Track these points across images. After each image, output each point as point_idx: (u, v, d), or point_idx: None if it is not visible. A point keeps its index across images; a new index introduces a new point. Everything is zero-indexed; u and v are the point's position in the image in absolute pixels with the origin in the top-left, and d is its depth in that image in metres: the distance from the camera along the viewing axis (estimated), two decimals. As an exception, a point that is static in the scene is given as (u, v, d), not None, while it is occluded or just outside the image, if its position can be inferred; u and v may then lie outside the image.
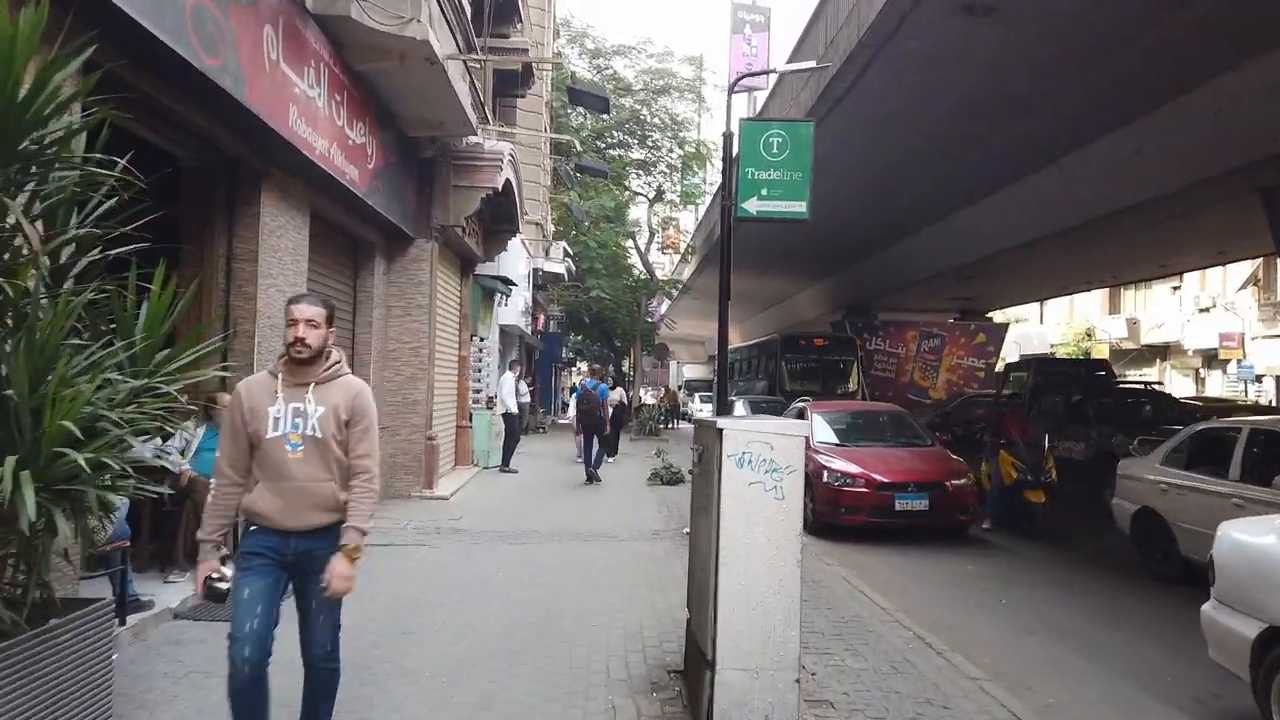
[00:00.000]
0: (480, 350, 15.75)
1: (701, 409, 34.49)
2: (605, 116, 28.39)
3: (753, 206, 9.71)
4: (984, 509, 10.54)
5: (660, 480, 13.89)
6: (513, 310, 19.62)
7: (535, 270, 23.26)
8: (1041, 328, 49.12)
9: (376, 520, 9.61)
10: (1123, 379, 43.04)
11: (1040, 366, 21.89)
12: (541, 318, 37.21)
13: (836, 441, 11.02)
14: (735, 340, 56.95)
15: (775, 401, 20.37)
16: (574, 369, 54.94)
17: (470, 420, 15.40)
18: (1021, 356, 30.95)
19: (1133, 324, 42.55)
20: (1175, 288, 40.46)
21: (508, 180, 13.34)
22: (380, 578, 7.08)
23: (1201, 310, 38.54)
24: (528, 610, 6.30)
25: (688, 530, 9.28)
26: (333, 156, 8.20)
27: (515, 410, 15.36)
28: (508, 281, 16.96)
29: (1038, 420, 12.74)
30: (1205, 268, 29.88)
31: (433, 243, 12.06)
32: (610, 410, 14.87)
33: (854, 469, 9.92)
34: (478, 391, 15.78)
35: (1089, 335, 45.13)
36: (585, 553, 8.44)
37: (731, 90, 12.49)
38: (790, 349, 26.49)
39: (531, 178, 23.38)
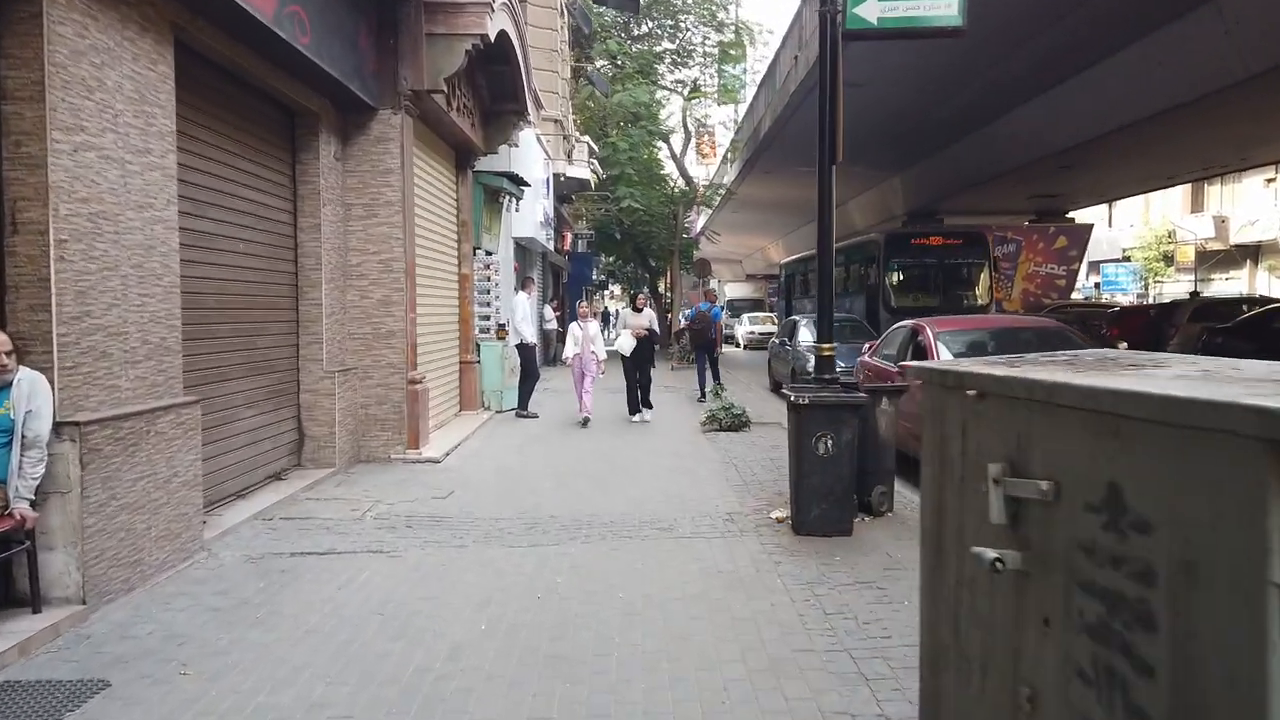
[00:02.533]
0: (488, 267, 12.62)
1: (752, 331, 31.15)
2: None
3: (870, 12, 6.26)
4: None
5: (719, 425, 10.78)
6: (529, 220, 16.36)
7: (557, 176, 19.89)
8: (1111, 231, 44.75)
9: (322, 505, 6.62)
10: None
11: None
12: (568, 235, 33.97)
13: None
14: (777, 257, 53.23)
15: (852, 322, 16.66)
16: (605, 292, 51.84)
17: (478, 354, 12.35)
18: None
19: (1221, 222, 38.21)
20: (1270, 179, 36.05)
21: (504, 33, 9.97)
22: (246, 648, 4.09)
23: (1306, 203, 34.20)
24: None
25: (780, 515, 6.24)
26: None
27: (533, 341, 12.27)
28: (518, 180, 13.65)
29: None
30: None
31: (403, 115, 8.81)
32: (638, 338, 11.79)
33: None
34: (486, 319, 12.69)
35: (1170, 237, 40.87)
36: (627, 566, 5.37)
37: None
38: (898, 250, 20.53)
39: (548, 65, 19.91)
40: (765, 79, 25.69)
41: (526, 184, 14.02)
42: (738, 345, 36.30)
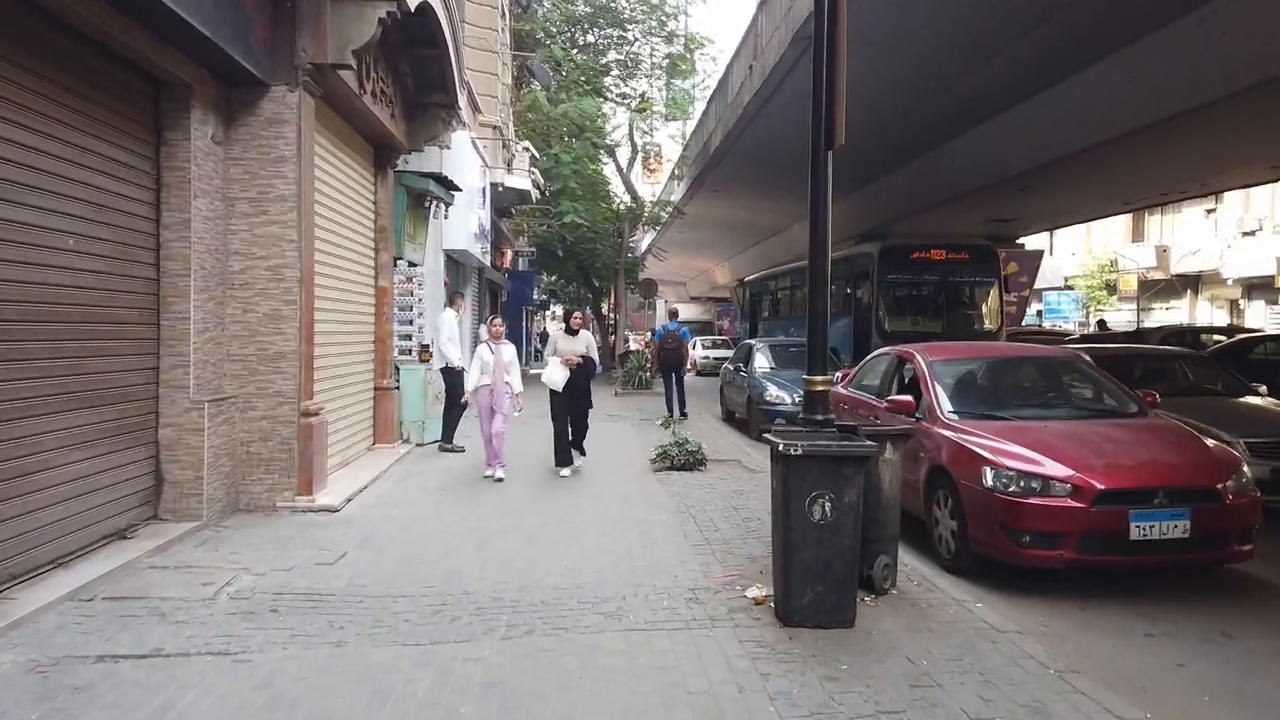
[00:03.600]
0: (410, 280, 11.12)
1: (706, 355, 29.84)
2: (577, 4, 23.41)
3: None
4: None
5: (671, 463, 9.41)
6: (462, 231, 14.87)
7: (495, 186, 18.45)
8: (1053, 259, 44.79)
9: (168, 576, 5.09)
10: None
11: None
12: (509, 252, 32.50)
13: (981, 410, 6.56)
14: (723, 279, 52.37)
15: (800, 347, 15.35)
16: (547, 313, 50.38)
17: (397, 379, 10.81)
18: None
19: (1162, 252, 38.38)
20: (1210, 210, 36.33)
21: (429, 7, 8.57)
22: None
23: (1246, 234, 34.36)
24: None
25: (758, 594, 4.86)
26: None
27: (460, 364, 10.78)
28: (447, 183, 12.17)
29: None
30: (1254, 185, 25.64)
31: (301, 94, 7.33)
32: (571, 368, 9.10)
33: (1044, 462, 5.48)
34: (408, 338, 11.16)
35: (1113, 265, 40.99)
36: (561, 682, 3.94)
37: None
38: (895, 265, 17.82)
39: (487, 67, 18.55)
40: (716, 92, 24.66)
41: (457, 189, 12.55)
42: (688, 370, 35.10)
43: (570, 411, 9.26)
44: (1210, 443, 6.01)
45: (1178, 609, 5.22)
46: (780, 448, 4.45)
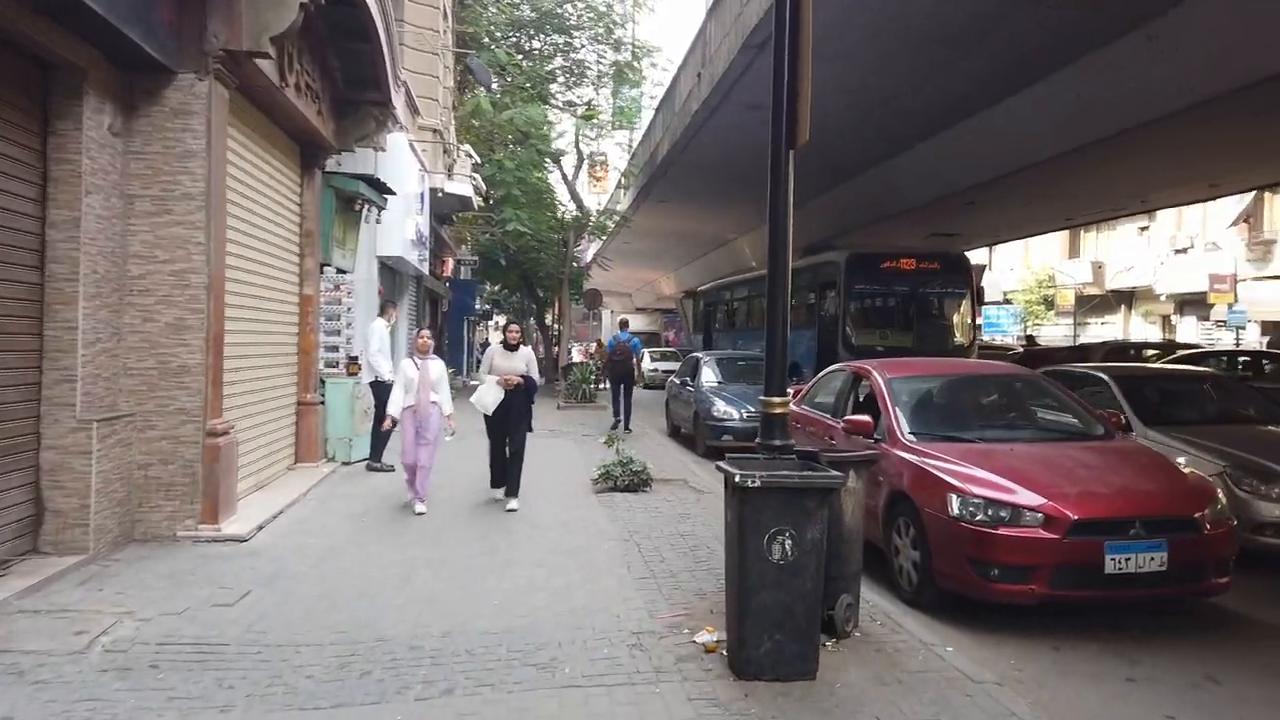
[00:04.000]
0: (338, 288, 10.45)
1: (654, 368, 29.30)
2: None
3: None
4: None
5: (614, 484, 8.91)
6: (397, 237, 14.17)
7: (435, 192, 17.77)
8: (992, 274, 45.45)
9: (37, 622, 4.41)
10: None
11: None
12: (450, 260, 31.73)
13: (943, 432, 6.19)
14: (669, 290, 52.00)
15: (749, 361, 14.98)
16: (489, 323, 49.52)
17: (323, 394, 10.12)
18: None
19: (1098, 268, 39.18)
20: (1144, 228, 37.18)
21: (358, -6, 7.98)
22: None
23: (1178, 251, 35.18)
24: None
25: (709, 639, 4.27)
26: None
27: (390, 377, 10.11)
28: (379, 186, 11.52)
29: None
30: (1192, 202, 26.21)
31: (212, 83, 6.68)
32: (509, 389, 8.02)
33: (1015, 489, 5.11)
34: (334, 350, 10.48)
35: (1050, 281, 41.73)
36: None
37: None
38: (862, 274, 16.77)
39: (428, 69, 17.92)
40: (663, 101, 24.33)
41: (391, 192, 11.89)
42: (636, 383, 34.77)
43: (507, 435, 8.18)
44: (1184, 468, 5.72)
45: (1157, 648, 4.88)
46: (736, 479, 3.98)
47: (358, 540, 6.79)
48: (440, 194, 17.97)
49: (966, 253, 30.05)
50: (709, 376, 13.98)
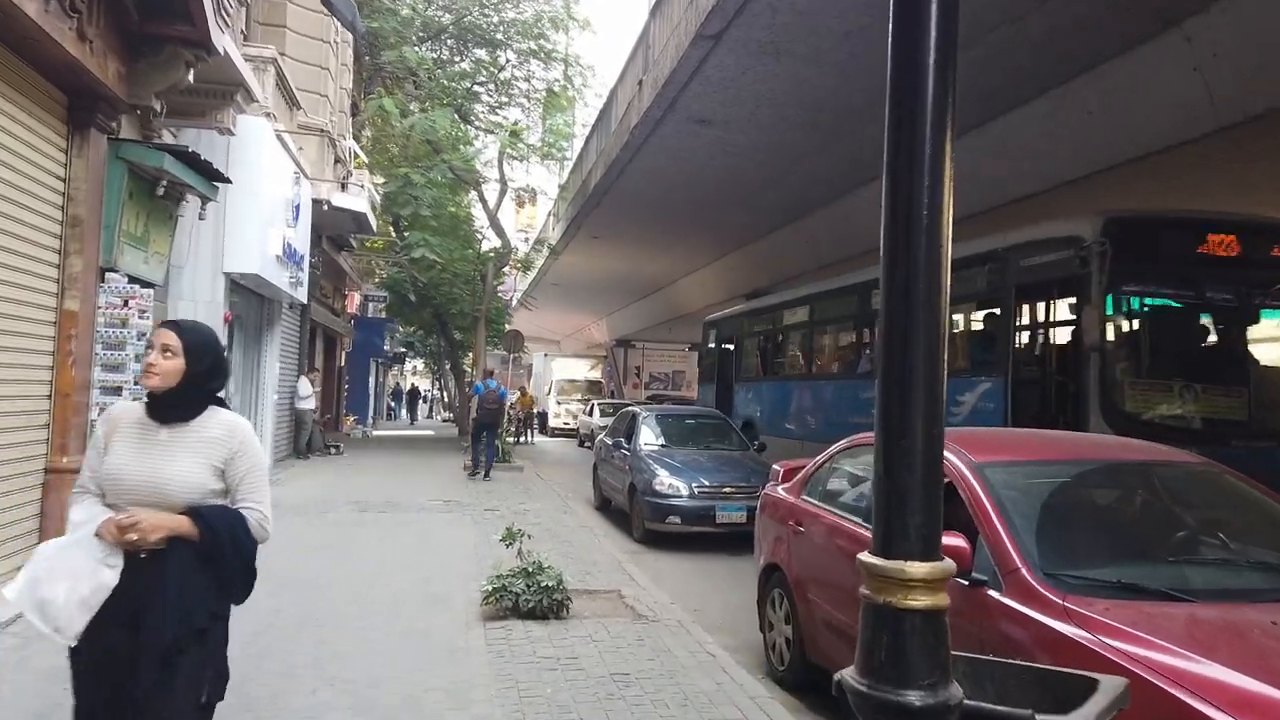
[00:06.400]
0: (126, 304, 7.24)
1: (603, 424, 26.10)
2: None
3: None
4: None
5: (514, 608, 5.85)
6: (254, 249, 10.96)
7: (320, 203, 14.68)
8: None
9: None
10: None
11: None
12: (355, 295, 28.33)
13: (1101, 577, 3.36)
14: (600, 336, 49.18)
15: (710, 420, 12.08)
16: (404, 367, 46.02)
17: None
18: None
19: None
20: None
21: None
22: None
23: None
24: None
25: None
26: None
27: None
28: (208, 172, 8.38)
29: None
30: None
31: None
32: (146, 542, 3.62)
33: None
34: (117, 391, 7.28)
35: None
36: None
37: None
38: (1147, 261, 7.60)
39: (316, 59, 14.99)
40: (598, 121, 21.72)
41: (224, 179, 8.74)
42: (562, 434, 31.96)
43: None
44: None
45: None
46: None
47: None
48: (327, 207, 14.90)
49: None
50: (648, 438, 11.08)
